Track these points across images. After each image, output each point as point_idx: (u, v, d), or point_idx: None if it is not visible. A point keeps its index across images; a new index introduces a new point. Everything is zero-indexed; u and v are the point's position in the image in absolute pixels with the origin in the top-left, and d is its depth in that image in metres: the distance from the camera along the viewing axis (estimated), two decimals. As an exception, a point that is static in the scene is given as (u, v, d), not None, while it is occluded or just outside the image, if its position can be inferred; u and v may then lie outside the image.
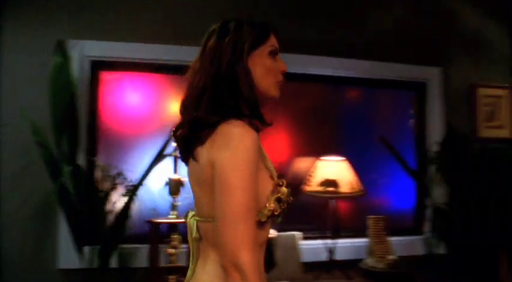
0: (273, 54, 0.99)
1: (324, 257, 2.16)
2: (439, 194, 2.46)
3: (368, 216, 2.24)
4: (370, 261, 2.09)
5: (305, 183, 2.13)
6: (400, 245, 2.47)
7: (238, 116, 0.91)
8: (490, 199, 2.26)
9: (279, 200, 0.92)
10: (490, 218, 2.28)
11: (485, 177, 2.34)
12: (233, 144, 0.85)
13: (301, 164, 2.40)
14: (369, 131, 2.61)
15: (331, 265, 2.13)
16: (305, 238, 2.23)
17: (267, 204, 0.90)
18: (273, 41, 0.99)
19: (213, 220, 0.88)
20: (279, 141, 2.41)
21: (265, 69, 0.97)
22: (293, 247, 2.01)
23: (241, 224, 0.82)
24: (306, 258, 2.16)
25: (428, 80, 2.65)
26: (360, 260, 2.18)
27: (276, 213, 0.91)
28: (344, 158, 2.14)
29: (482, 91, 2.72)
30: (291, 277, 1.96)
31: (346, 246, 2.26)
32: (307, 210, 2.29)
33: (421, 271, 2.45)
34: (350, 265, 2.19)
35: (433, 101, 2.65)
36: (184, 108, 0.97)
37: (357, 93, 2.71)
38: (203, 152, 0.90)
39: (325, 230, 2.17)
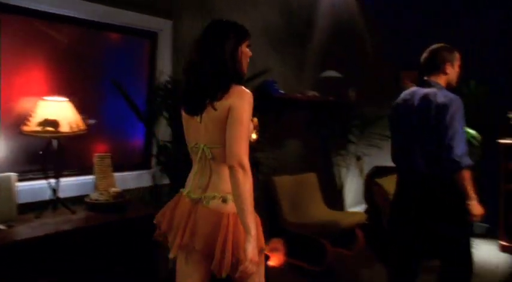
0: (249, 47, 1.64)
1: (47, 196, 2.20)
2: (163, 133, 2.85)
3: (95, 154, 2.40)
4: (94, 195, 2.27)
5: (24, 124, 2.07)
6: (131, 178, 2.78)
7: (238, 83, 1.55)
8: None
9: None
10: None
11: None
12: (245, 97, 1.51)
13: (28, 104, 2.29)
14: (102, 74, 2.71)
15: (55, 203, 2.20)
16: (27, 179, 2.22)
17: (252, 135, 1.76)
18: (249, 39, 1.64)
19: (222, 146, 1.51)
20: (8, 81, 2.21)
21: (245, 56, 1.63)
22: (8, 189, 1.96)
23: (245, 142, 1.47)
24: (28, 198, 2.16)
25: (160, 30, 2.90)
26: (86, 196, 2.33)
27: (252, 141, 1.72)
28: (67, 99, 2.17)
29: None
30: (7, 219, 1.94)
31: (72, 184, 2.36)
32: (27, 151, 2.25)
33: (148, 200, 2.84)
34: (76, 201, 2.31)
35: (164, 51, 2.94)
36: (195, 80, 1.56)
37: (92, 36, 2.70)
38: (221, 104, 1.50)
39: (48, 170, 2.19)
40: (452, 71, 2.33)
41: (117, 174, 2.59)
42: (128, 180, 2.73)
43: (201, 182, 1.61)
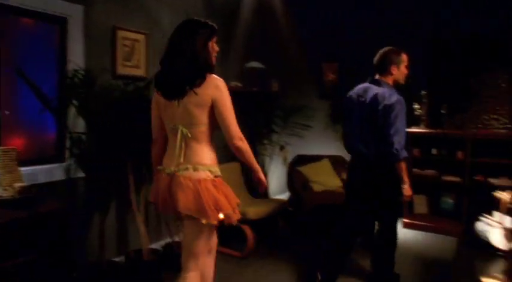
0: (216, 43, 1.94)
1: None
2: (77, 124, 2.73)
3: (-2, 148, 2.24)
4: (-3, 192, 2.13)
5: None
6: (42, 172, 2.64)
7: (210, 72, 1.87)
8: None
9: None
10: (121, 142, 2.74)
11: (120, 108, 2.77)
12: (222, 87, 1.86)
13: None
14: (13, 62, 2.53)
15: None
16: None
17: None
18: (216, 35, 1.93)
19: (200, 125, 1.88)
20: None
21: (214, 50, 1.94)
22: None
23: (235, 122, 1.87)
24: None
25: (69, 16, 2.75)
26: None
27: None
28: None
29: (122, 33, 3.10)
30: None
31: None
32: None
33: (61, 194, 2.72)
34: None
35: (75, 37, 2.80)
36: (174, 71, 1.86)
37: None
38: (202, 90, 1.83)
39: None
40: (398, 72, 2.68)
41: (27, 169, 2.47)
42: (38, 174, 2.60)
43: (178, 157, 1.91)
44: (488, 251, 1.61)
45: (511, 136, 3.93)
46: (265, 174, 4.66)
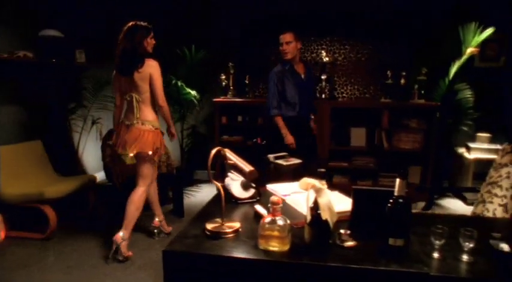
0: (151, 38, 2.87)
1: None
2: None
3: None
4: None
5: None
6: None
7: (148, 57, 2.83)
8: None
9: None
10: None
11: None
12: (157, 67, 2.84)
13: None
14: None
15: None
16: None
17: None
18: (151, 34, 2.87)
19: (144, 94, 2.86)
20: None
21: (150, 43, 2.87)
22: None
23: (161, 90, 2.88)
24: None
25: None
26: None
27: None
28: None
29: None
30: None
31: None
32: None
33: None
34: None
35: None
36: (123, 56, 2.81)
37: None
38: (143, 69, 2.79)
39: None
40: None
41: None
42: None
43: (132, 115, 2.88)
44: (231, 200, 1.88)
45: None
46: (77, 151, 4.42)
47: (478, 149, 4.18)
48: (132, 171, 4.00)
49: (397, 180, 1.31)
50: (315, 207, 1.34)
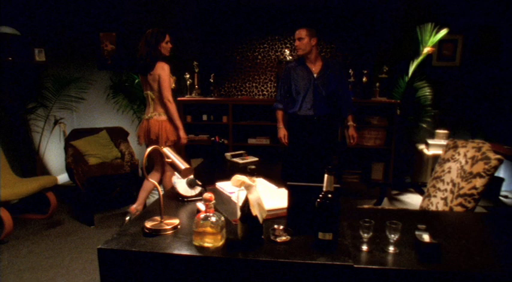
0: (166, 42, 3.27)
1: None
2: None
3: None
4: None
5: None
6: None
7: (161, 61, 3.23)
8: None
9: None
10: None
11: None
12: (166, 68, 3.21)
13: None
14: None
15: None
16: None
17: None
18: (167, 38, 3.27)
19: (157, 92, 3.27)
20: None
21: (165, 48, 3.27)
22: None
23: (169, 90, 3.24)
24: None
25: None
26: None
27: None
28: None
29: None
30: None
31: None
32: None
33: None
34: None
35: None
36: (140, 59, 3.26)
37: None
38: (153, 71, 3.21)
39: None
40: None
41: None
42: None
43: (149, 109, 3.35)
44: (178, 198, 1.90)
45: (266, 101, 4.61)
46: (38, 152, 4.33)
47: (436, 145, 4.31)
48: (94, 172, 3.97)
49: (325, 176, 1.35)
50: (246, 204, 1.37)
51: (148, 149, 1.59)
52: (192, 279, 1.38)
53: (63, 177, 4.74)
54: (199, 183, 1.90)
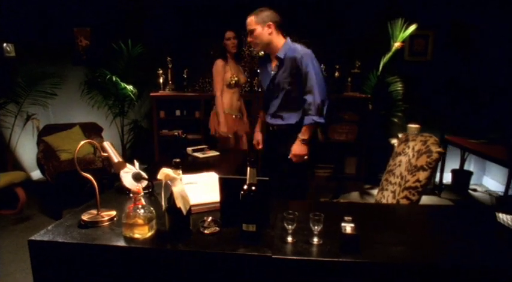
0: (227, 39, 3.60)
1: None
2: None
3: None
4: None
5: None
6: None
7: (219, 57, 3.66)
8: None
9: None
10: None
11: None
12: (214, 65, 3.64)
13: None
14: None
15: None
16: None
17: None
18: (227, 35, 3.61)
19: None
20: None
21: (230, 44, 3.60)
22: None
23: (216, 86, 3.62)
24: None
25: None
26: None
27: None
28: None
29: None
30: None
31: None
32: None
33: None
34: None
35: None
36: None
37: None
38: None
39: None
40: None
41: None
42: None
43: None
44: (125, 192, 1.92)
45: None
46: (8, 148, 4.32)
47: (407, 140, 4.36)
48: (65, 167, 3.97)
49: (248, 169, 1.39)
50: (171, 196, 1.39)
51: (81, 143, 1.61)
52: (122, 269, 1.41)
53: (37, 173, 4.74)
54: (146, 177, 1.93)
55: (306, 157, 2.50)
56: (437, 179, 4.55)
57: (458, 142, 4.12)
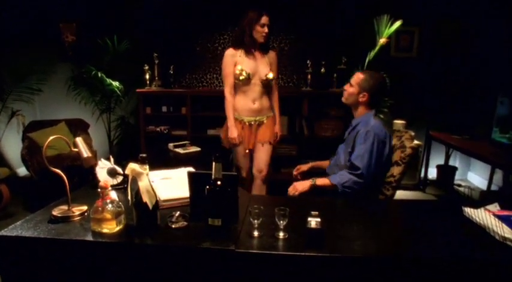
0: (261, 25, 2.82)
1: None
2: None
3: None
4: None
5: None
6: None
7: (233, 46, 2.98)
8: None
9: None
10: None
11: None
12: (224, 56, 2.97)
13: None
14: None
15: None
16: None
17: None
18: (264, 20, 2.82)
19: None
20: None
21: (257, 31, 2.84)
22: None
23: (225, 81, 2.99)
24: None
25: None
26: None
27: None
28: None
29: None
30: None
31: None
32: None
33: None
34: None
35: None
36: None
37: None
38: None
39: None
40: None
41: None
42: None
43: None
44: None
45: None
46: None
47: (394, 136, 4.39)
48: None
49: (213, 164, 1.40)
50: (138, 191, 1.41)
51: (50, 138, 1.62)
52: (89, 264, 1.42)
53: (23, 170, 4.72)
54: (120, 172, 1.94)
55: (296, 193, 2.24)
56: (422, 174, 4.59)
57: (442, 138, 4.15)
